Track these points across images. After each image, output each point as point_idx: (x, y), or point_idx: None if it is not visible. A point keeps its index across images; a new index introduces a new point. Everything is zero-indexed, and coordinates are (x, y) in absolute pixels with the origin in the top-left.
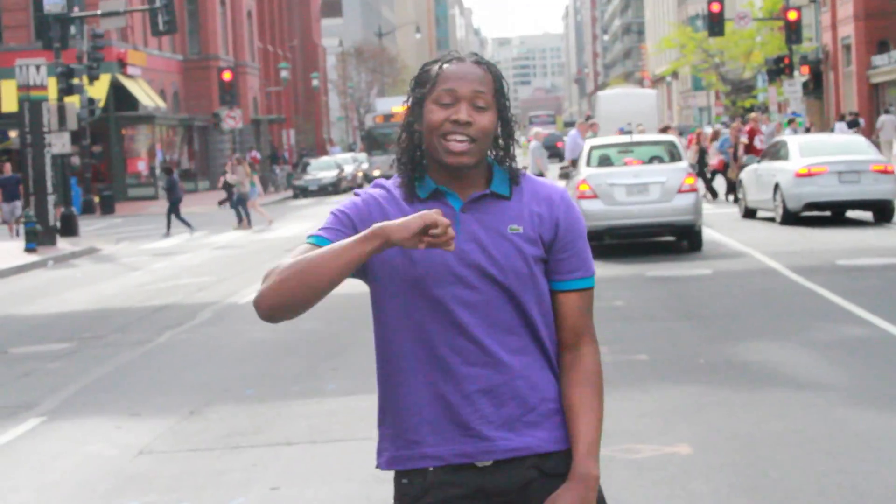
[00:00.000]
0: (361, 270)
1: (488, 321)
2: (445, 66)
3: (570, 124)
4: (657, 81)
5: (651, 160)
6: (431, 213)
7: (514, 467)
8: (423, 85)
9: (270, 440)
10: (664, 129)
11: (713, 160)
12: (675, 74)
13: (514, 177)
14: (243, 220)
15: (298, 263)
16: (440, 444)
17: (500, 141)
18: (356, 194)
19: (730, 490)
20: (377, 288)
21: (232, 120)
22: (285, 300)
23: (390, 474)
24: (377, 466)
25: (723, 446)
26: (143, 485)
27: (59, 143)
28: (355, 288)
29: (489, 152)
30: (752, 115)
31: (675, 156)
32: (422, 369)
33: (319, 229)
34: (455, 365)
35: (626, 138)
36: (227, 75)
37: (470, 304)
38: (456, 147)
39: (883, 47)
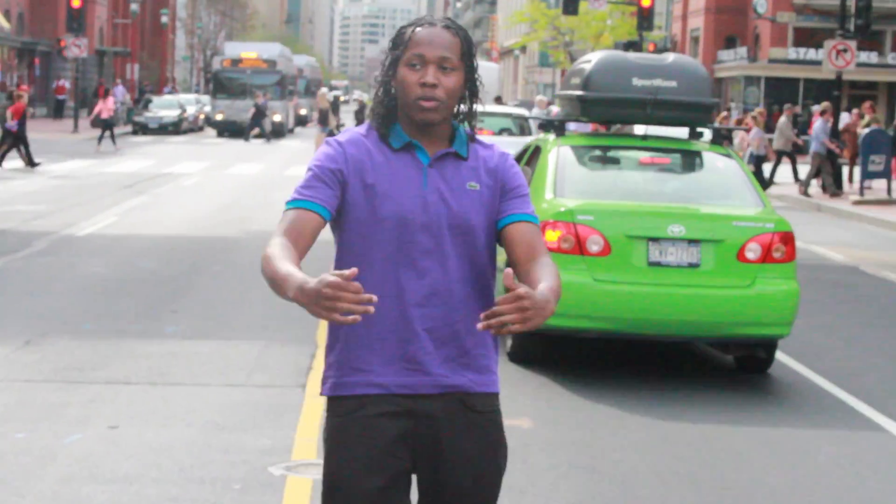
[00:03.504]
0: (335, 216)
1: (444, 268)
2: (418, 30)
3: None
4: (505, 54)
5: (501, 132)
6: (328, 283)
7: (445, 399)
8: (397, 47)
9: (109, 378)
10: (497, 100)
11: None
12: (523, 49)
13: (472, 140)
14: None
15: (266, 267)
16: (386, 375)
17: (466, 100)
18: (328, 143)
19: (569, 467)
20: (343, 231)
21: (77, 48)
22: (268, 283)
23: (232, 421)
24: (321, 393)
25: (564, 423)
26: None
27: None
28: (192, 232)
29: (455, 109)
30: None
31: (525, 130)
32: (378, 306)
33: (297, 190)
34: (408, 305)
35: (500, 108)
36: (75, 2)
37: (428, 250)
38: (425, 104)
39: (730, 42)
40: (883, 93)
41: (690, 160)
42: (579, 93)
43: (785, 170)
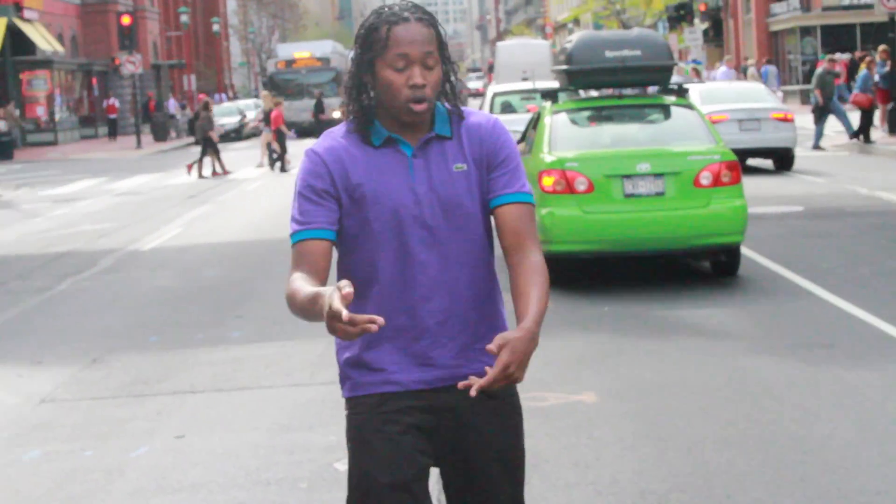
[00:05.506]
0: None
1: (444, 257)
2: (395, 28)
3: (473, 70)
4: (559, 28)
5: None
6: (332, 314)
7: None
8: (372, 47)
9: (175, 388)
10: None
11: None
12: (576, 21)
13: (454, 115)
14: None
15: (292, 306)
16: (402, 373)
17: (445, 85)
18: (308, 157)
19: (634, 438)
20: (342, 236)
21: (132, 65)
22: (300, 318)
23: (297, 421)
24: (342, 395)
25: (627, 394)
26: (45, 433)
27: None
28: (255, 236)
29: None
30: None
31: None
32: (384, 304)
33: (294, 220)
34: (415, 301)
35: (527, 85)
36: (125, 19)
37: (427, 243)
38: (416, 108)
39: None
40: None
41: (656, 111)
42: (564, 67)
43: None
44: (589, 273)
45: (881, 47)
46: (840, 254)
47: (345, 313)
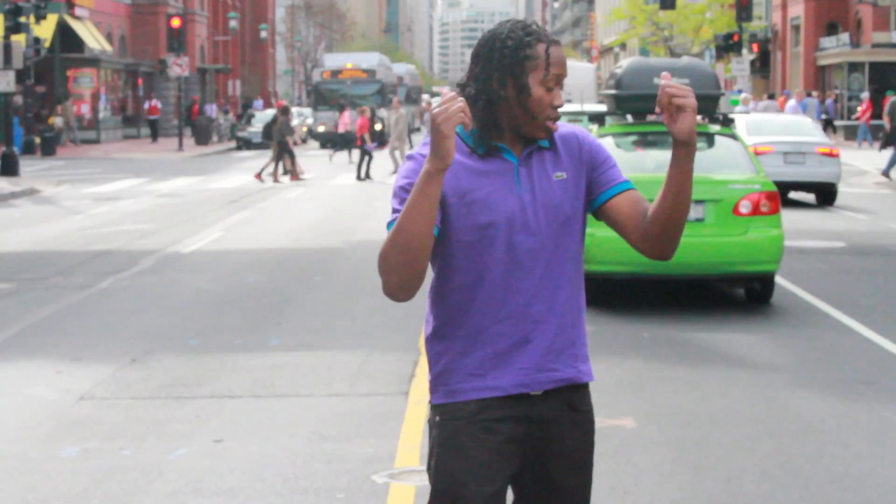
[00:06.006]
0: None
1: (546, 263)
2: (553, 48)
3: None
4: (605, 52)
5: None
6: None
7: (554, 399)
8: (525, 62)
9: (213, 392)
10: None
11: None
12: (623, 46)
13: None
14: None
15: (391, 235)
16: (503, 377)
17: None
18: (413, 158)
19: (673, 466)
20: (445, 242)
21: (178, 67)
22: (397, 274)
23: (335, 431)
24: (432, 402)
25: (666, 422)
26: (84, 430)
27: (4, 82)
28: (295, 244)
29: None
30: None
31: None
32: (489, 308)
33: (394, 209)
34: (518, 306)
35: (575, 107)
36: (175, 22)
37: (531, 249)
38: (553, 126)
39: (832, 30)
40: None
41: (701, 139)
42: (613, 91)
43: None
44: (625, 295)
45: None
46: (882, 292)
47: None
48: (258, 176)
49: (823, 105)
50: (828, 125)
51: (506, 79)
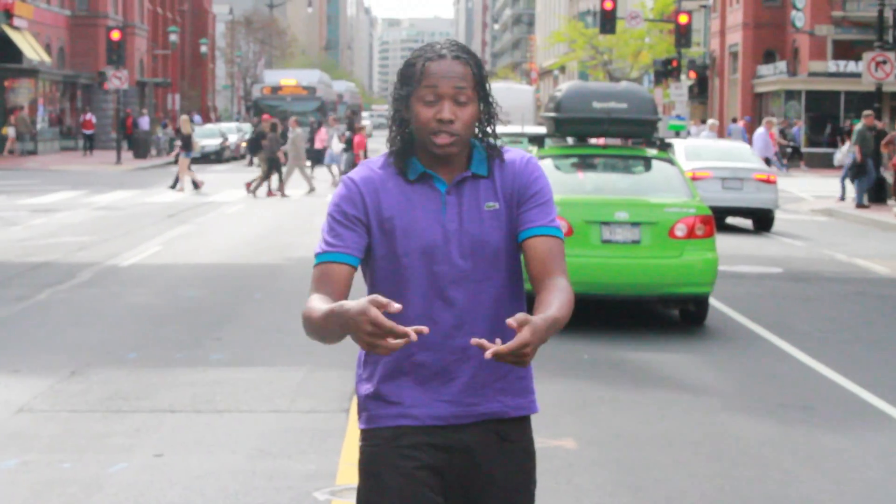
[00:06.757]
0: (365, 252)
1: (471, 294)
2: (428, 63)
3: None
4: (544, 74)
5: None
6: (371, 321)
7: (480, 429)
8: (409, 82)
9: (154, 406)
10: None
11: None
12: (562, 69)
13: (493, 154)
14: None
15: (307, 322)
16: (419, 407)
17: (482, 124)
18: (344, 184)
19: (614, 487)
20: (371, 269)
21: (117, 80)
22: (315, 339)
23: (276, 447)
24: (359, 426)
25: (607, 443)
26: (22, 443)
27: None
28: (234, 260)
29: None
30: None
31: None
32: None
33: (322, 240)
34: (440, 337)
35: (516, 128)
36: (115, 34)
37: (454, 280)
38: (442, 141)
39: (769, 57)
40: None
41: (638, 163)
42: (553, 114)
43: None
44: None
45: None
46: (818, 318)
47: (395, 306)
48: (249, 186)
49: (790, 132)
50: (795, 153)
51: (401, 100)
